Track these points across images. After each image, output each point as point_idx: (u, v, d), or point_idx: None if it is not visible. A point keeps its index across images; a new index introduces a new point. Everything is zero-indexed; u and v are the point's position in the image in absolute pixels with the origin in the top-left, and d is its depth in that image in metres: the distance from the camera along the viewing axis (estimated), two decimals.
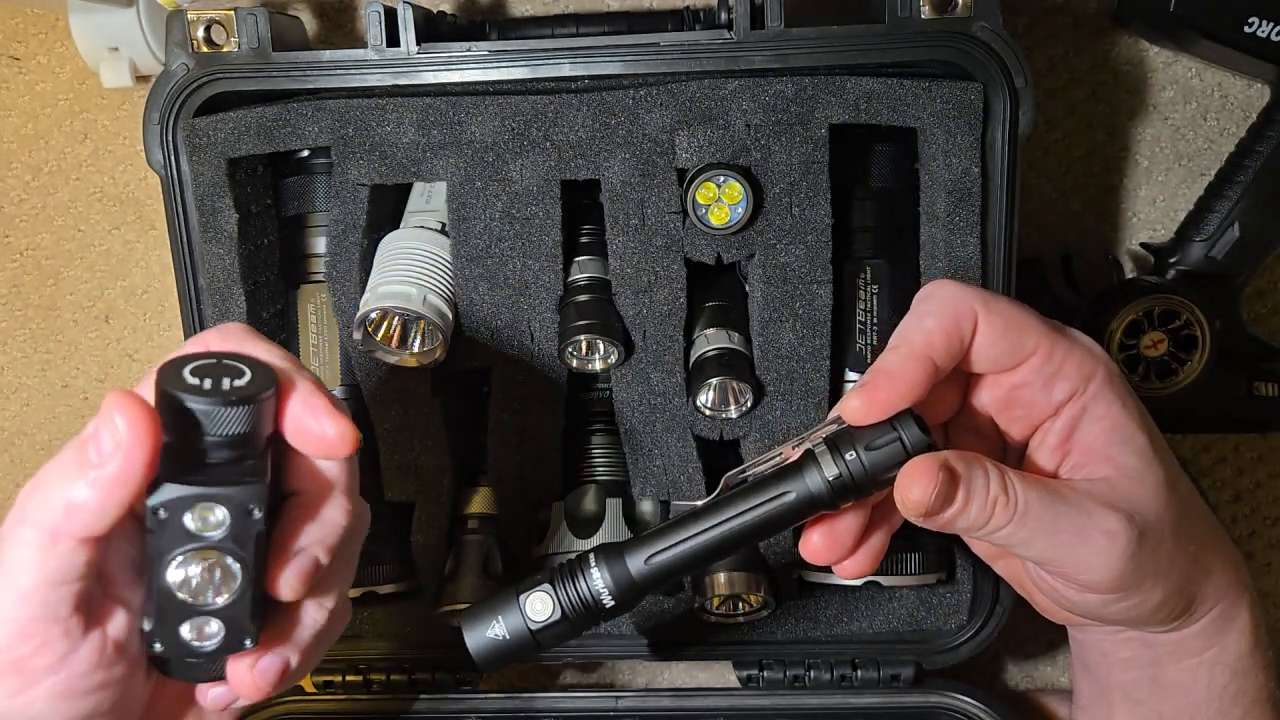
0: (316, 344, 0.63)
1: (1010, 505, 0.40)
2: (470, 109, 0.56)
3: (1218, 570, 0.45)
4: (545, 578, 0.44)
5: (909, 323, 0.42)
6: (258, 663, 0.39)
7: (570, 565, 0.44)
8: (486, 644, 0.43)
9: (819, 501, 0.41)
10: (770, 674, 0.65)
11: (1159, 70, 0.68)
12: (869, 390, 0.40)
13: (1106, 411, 0.42)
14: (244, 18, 0.56)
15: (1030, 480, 0.41)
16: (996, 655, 0.74)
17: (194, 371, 0.37)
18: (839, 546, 0.43)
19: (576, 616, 0.43)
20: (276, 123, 0.58)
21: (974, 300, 0.42)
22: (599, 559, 0.43)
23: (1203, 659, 0.45)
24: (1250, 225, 0.64)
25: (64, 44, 0.71)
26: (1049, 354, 0.42)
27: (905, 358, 0.41)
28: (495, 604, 0.44)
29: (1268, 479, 0.73)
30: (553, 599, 0.43)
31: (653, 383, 0.60)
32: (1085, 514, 0.41)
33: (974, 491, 0.40)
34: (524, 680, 0.76)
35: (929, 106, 0.56)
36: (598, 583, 0.43)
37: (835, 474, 0.41)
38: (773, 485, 0.42)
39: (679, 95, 0.56)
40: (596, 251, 0.60)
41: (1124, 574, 0.41)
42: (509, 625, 0.43)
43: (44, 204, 0.73)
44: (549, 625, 0.43)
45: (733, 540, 0.43)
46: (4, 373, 0.75)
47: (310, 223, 0.63)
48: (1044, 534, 0.41)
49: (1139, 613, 0.43)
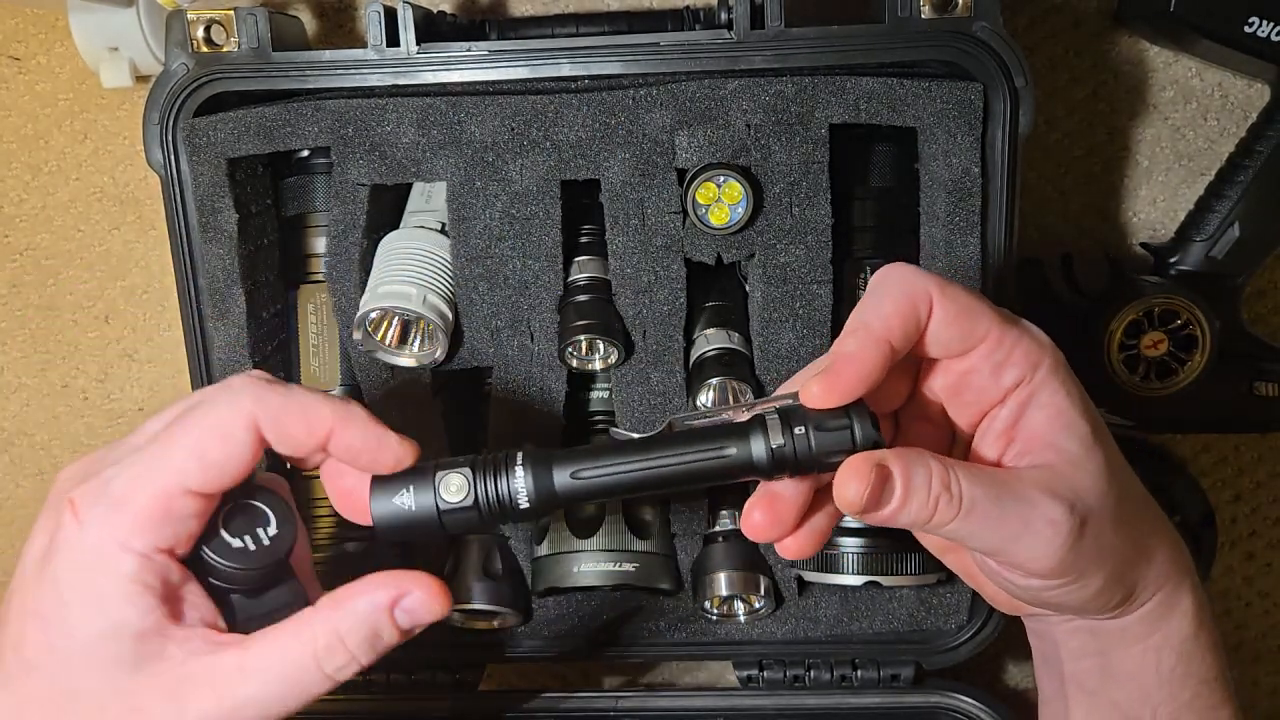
0: (316, 344, 0.64)
1: (954, 502, 0.40)
2: (470, 109, 0.56)
3: (1159, 556, 0.45)
4: (466, 462, 0.42)
5: (866, 306, 0.42)
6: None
7: (494, 458, 0.42)
8: (390, 511, 0.41)
9: (757, 466, 0.41)
10: (770, 674, 0.65)
11: (1159, 70, 0.68)
12: (830, 376, 0.40)
13: (1051, 399, 0.43)
14: (244, 18, 0.56)
15: (976, 474, 0.41)
16: (996, 655, 0.74)
17: (232, 531, 0.41)
18: (780, 524, 0.43)
19: (487, 509, 0.41)
20: (276, 123, 0.58)
21: (929, 284, 0.42)
22: (525, 460, 0.42)
23: (1149, 644, 0.46)
24: (1250, 225, 0.64)
25: (64, 44, 0.71)
26: (999, 340, 0.42)
27: (864, 342, 0.41)
28: (410, 475, 0.42)
29: (1268, 479, 0.73)
30: (469, 484, 0.41)
31: (653, 383, 0.60)
32: (1030, 504, 0.41)
33: (914, 489, 0.40)
34: (524, 680, 0.76)
35: (929, 106, 0.56)
36: (518, 482, 0.41)
37: (780, 444, 0.41)
38: (716, 438, 0.42)
39: (679, 95, 0.56)
40: (596, 251, 0.60)
41: (1065, 561, 0.42)
42: (418, 499, 0.41)
43: (44, 204, 0.73)
44: (458, 509, 0.41)
45: (661, 480, 0.42)
46: (4, 372, 0.75)
47: (310, 223, 0.63)
48: (990, 527, 0.41)
49: (1080, 598, 0.44)
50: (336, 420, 0.41)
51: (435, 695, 0.65)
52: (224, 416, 0.40)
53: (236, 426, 0.40)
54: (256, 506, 0.42)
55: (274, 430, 0.40)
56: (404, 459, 0.41)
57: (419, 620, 0.41)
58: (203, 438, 0.40)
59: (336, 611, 0.40)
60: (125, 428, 0.75)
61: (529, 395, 0.60)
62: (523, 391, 0.60)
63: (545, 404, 0.61)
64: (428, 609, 0.41)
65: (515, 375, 0.60)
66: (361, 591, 0.40)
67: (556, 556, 0.62)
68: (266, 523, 0.42)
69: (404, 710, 0.65)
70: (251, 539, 0.41)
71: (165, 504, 0.39)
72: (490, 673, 0.68)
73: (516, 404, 0.61)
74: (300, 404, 0.41)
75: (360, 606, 0.40)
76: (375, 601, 0.40)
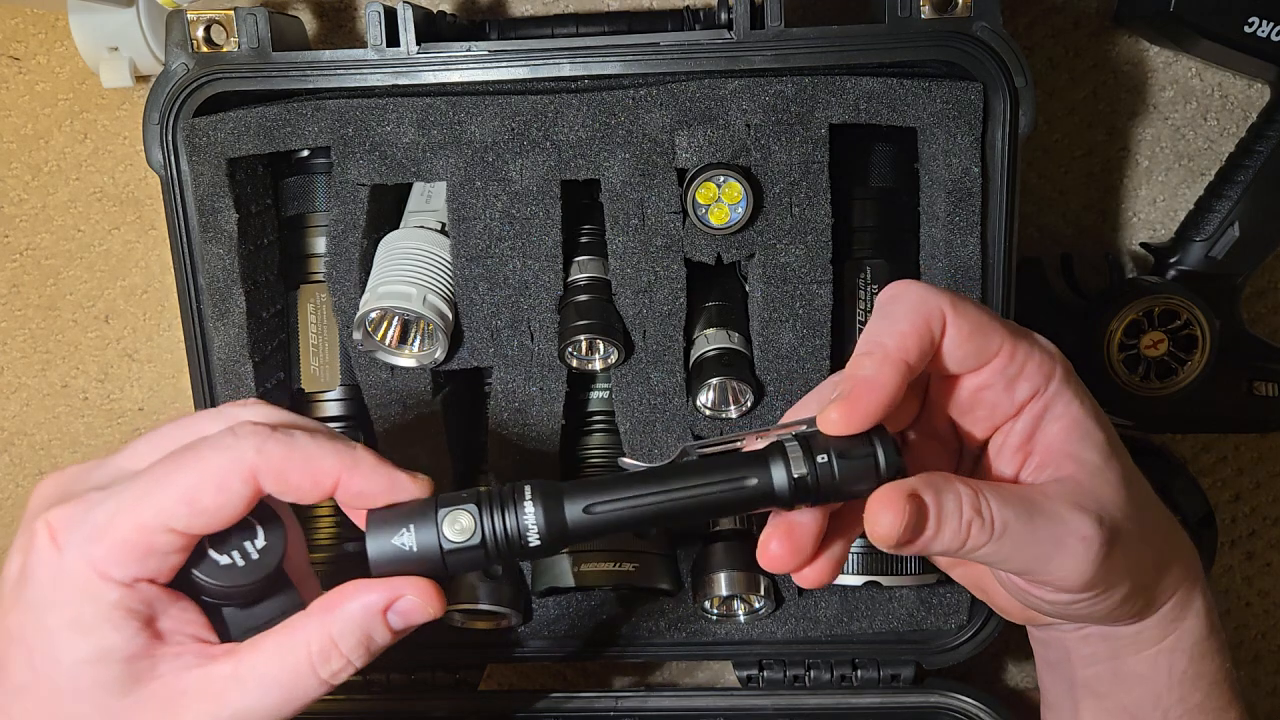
0: (316, 344, 0.64)
1: (987, 526, 0.40)
2: (470, 109, 0.56)
3: (1175, 560, 0.45)
4: (471, 497, 0.39)
5: (879, 326, 0.41)
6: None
7: (501, 492, 0.39)
8: (390, 552, 0.39)
9: (778, 497, 0.39)
10: (770, 674, 0.65)
11: (1159, 70, 0.68)
12: (850, 402, 0.39)
13: (1066, 410, 0.42)
14: (244, 17, 0.56)
15: (1005, 495, 0.40)
16: (996, 655, 0.74)
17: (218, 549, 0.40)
18: (798, 554, 0.41)
19: (495, 548, 0.39)
20: (276, 123, 0.58)
21: (942, 301, 0.41)
22: (536, 494, 0.39)
23: (1161, 647, 0.46)
24: (1250, 225, 0.64)
25: (64, 44, 0.71)
26: (1012, 354, 0.42)
27: (881, 363, 0.40)
28: (411, 512, 0.39)
29: (1268, 479, 0.73)
30: (475, 521, 0.38)
31: (653, 383, 0.60)
32: (1060, 521, 0.40)
33: (946, 517, 0.39)
34: (524, 680, 0.76)
35: (929, 106, 0.56)
36: (529, 518, 0.39)
37: (802, 473, 0.39)
38: (735, 467, 0.40)
39: (679, 95, 0.56)
40: (596, 251, 0.60)
41: (1097, 575, 0.41)
42: (420, 538, 0.39)
43: (44, 204, 0.73)
44: (464, 548, 0.38)
45: (679, 512, 0.40)
46: (4, 372, 0.75)
47: (310, 223, 0.63)
48: (1022, 548, 0.40)
49: (1105, 609, 0.43)
50: (343, 469, 0.39)
51: (435, 695, 0.65)
52: (222, 467, 0.38)
53: (234, 478, 0.38)
54: (244, 519, 0.40)
55: (275, 483, 0.39)
56: (419, 494, 0.40)
57: (412, 622, 0.40)
58: (196, 484, 0.38)
59: (329, 615, 0.39)
60: (125, 427, 0.75)
61: (529, 395, 0.60)
62: (523, 391, 0.60)
63: (545, 404, 0.61)
64: (422, 611, 0.40)
65: (515, 375, 0.60)
66: (354, 594, 0.39)
67: (557, 556, 0.62)
68: (254, 536, 0.40)
69: (404, 710, 0.65)
70: (239, 554, 0.40)
71: (147, 540, 0.38)
72: (490, 673, 0.68)
73: (516, 404, 0.61)
74: (304, 455, 0.39)
75: (353, 609, 0.39)
76: (368, 604, 0.39)
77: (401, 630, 0.40)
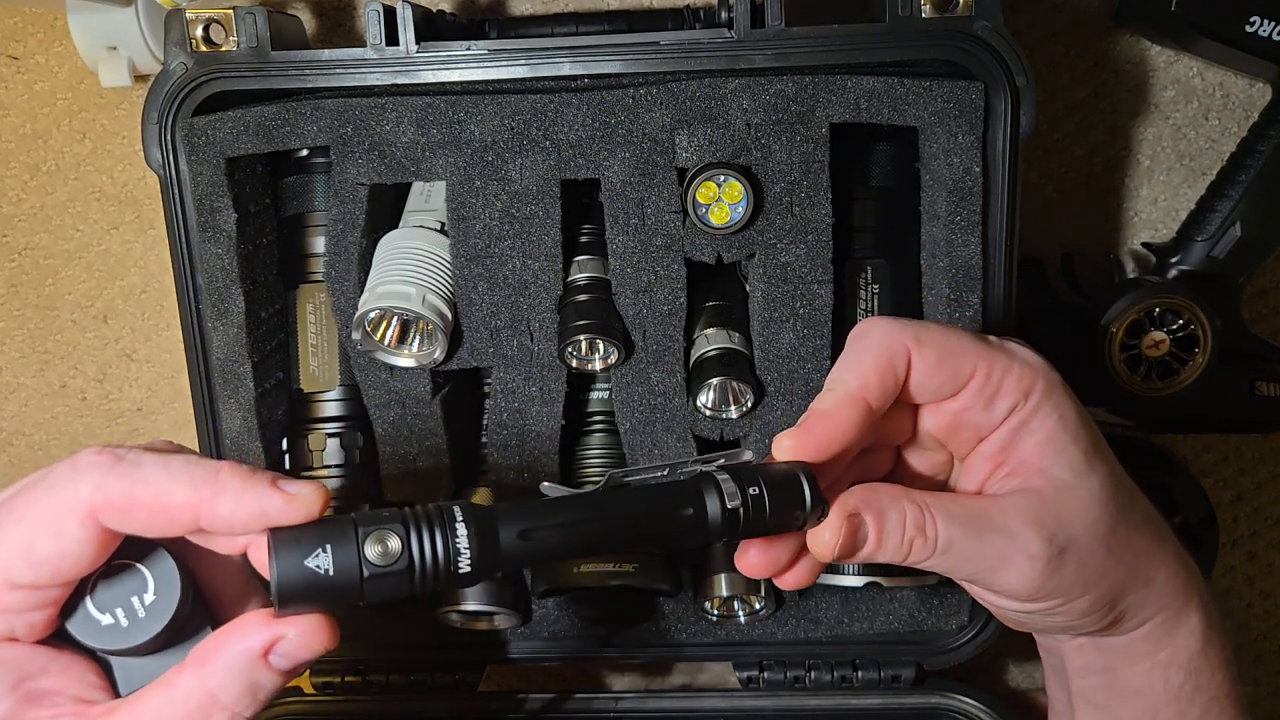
0: (316, 344, 0.63)
1: (929, 544, 0.42)
2: (470, 108, 0.56)
3: (1161, 575, 0.45)
4: (394, 518, 0.36)
5: (844, 363, 0.43)
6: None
7: (429, 513, 0.36)
8: (300, 575, 0.34)
9: (710, 529, 0.39)
10: (771, 675, 0.65)
11: (1160, 69, 0.68)
12: (802, 432, 0.41)
13: (1042, 424, 0.43)
14: (243, 17, 0.56)
15: (953, 513, 0.42)
16: (997, 655, 0.74)
17: (100, 604, 0.36)
18: (775, 562, 0.43)
19: (421, 573, 0.35)
20: (275, 122, 0.57)
21: (905, 338, 0.42)
22: (467, 516, 0.36)
23: (1155, 661, 0.46)
24: (1251, 225, 0.64)
25: (62, 43, 0.71)
26: (987, 375, 0.43)
27: (840, 400, 0.41)
28: (327, 530, 0.35)
29: (1269, 479, 0.73)
30: (402, 543, 0.35)
31: (653, 383, 0.59)
32: (1010, 537, 0.42)
33: (888, 533, 0.41)
34: (524, 680, 0.76)
35: (930, 106, 0.55)
36: (461, 542, 0.36)
37: (735, 504, 0.39)
38: (671, 496, 0.39)
39: (679, 94, 0.56)
40: (596, 251, 0.59)
41: (1044, 588, 0.42)
42: (338, 560, 0.34)
43: (42, 203, 0.73)
44: (387, 573, 0.35)
45: (613, 540, 0.38)
46: (2, 372, 0.75)
47: (309, 222, 0.63)
48: (967, 561, 0.42)
49: (1064, 620, 0.44)
50: (200, 500, 0.35)
51: (435, 695, 0.65)
52: (55, 508, 0.35)
53: (68, 521, 0.35)
54: (132, 569, 0.36)
55: (119, 521, 0.35)
56: (298, 516, 0.36)
57: (301, 660, 0.37)
58: (30, 531, 0.35)
59: (204, 668, 0.36)
60: (124, 428, 0.75)
61: (529, 395, 0.60)
62: (522, 391, 0.60)
63: (545, 404, 0.61)
64: (308, 648, 0.36)
65: (515, 375, 0.60)
66: (229, 641, 0.36)
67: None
68: (143, 589, 0.36)
69: (404, 710, 0.65)
70: (124, 611, 0.36)
71: None
72: (490, 673, 0.68)
73: (516, 404, 0.61)
74: (151, 489, 0.35)
75: (230, 658, 0.36)
76: (248, 649, 0.36)
77: (291, 670, 0.37)
